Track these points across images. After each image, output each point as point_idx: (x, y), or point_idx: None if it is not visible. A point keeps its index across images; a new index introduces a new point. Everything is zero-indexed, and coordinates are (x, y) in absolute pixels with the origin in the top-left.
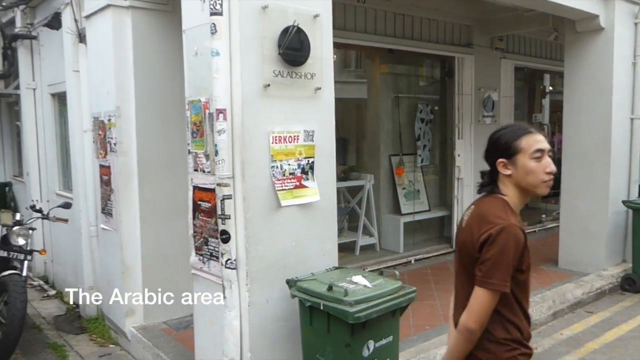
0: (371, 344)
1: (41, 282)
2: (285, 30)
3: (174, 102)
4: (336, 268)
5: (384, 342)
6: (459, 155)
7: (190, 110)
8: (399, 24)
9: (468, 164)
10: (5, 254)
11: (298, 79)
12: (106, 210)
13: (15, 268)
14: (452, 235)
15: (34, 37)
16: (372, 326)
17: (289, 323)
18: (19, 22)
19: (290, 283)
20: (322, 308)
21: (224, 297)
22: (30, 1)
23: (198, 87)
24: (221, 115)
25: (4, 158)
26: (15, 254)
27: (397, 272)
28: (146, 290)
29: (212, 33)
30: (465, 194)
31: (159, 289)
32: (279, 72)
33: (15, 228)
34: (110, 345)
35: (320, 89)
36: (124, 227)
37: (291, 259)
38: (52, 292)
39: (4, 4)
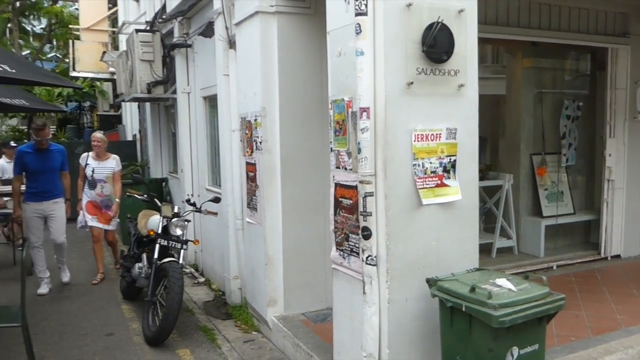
0: (515, 350)
1: (192, 270)
2: (429, 27)
3: (313, 101)
4: (477, 269)
5: (529, 349)
6: (610, 155)
7: (333, 109)
8: (544, 14)
9: (620, 165)
10: (165, 242)
11: (441, 76)
12: (251, 205)
13: (172, 256)
14: (600, 242)
15: (189, 46)
16: (516, 332)
17: (427, 322)
18: (176, 33)
19: (431, 282)
20: (464, 309)
21: (364, 293)
22: (187, 13)
23: (341, 87)
24: (364, 114)
25: (162, 156)
26: (174, 243)
27: (544, 278)
28: (286, 282)
29: (357, 33)
30: (617, 198)
31: (298, 282)
32: (422, 69)
33: (174, 220)
34: (253, 332)
35: (463, 85)
36: (267, 221)
37: (431, 258)
38: (202, 279)
39: (164, 17)
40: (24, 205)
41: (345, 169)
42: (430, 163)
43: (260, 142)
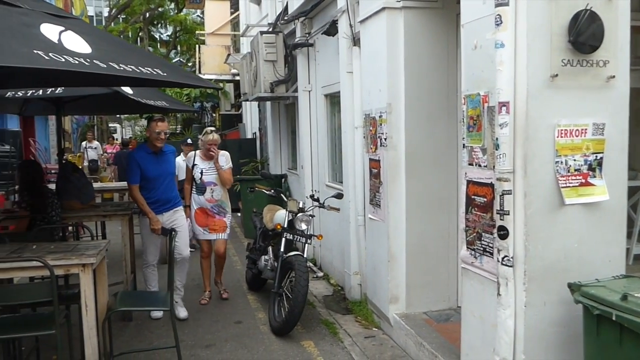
0: None
1: (311, 264)
2: (576, 16)
3: (439, 97)
4: (624, 276)
5: None
6: None
7: (466, 104)
8: None
9: None
10: (291, 236)
11: (588, 68)
12: (374, 202)
13: (297, 250)
14: None
15: (311, 45)
16: None
17: (567, 329)
18: (298, 33)
19: (573, 287)
20: (614, 319)
21: (498, 295)
22: (309, 13)
23: (476, 81)
24: (504, 108)
25: (281, 153)
26: (299, 237)
27: None
28: (409, 279)
29: (497, 24)
30: None
31: (421, 280)
32: (568, 60)
33: (299, 215)
34: (374, 329)
35: (613, 77)
36: (391, 218)
37: (572, 261)
38: (320, 273)
39: (286, 18)
40: (141, 219)
41: (480, 165)
42: (574, 160)
43: (385, 139)
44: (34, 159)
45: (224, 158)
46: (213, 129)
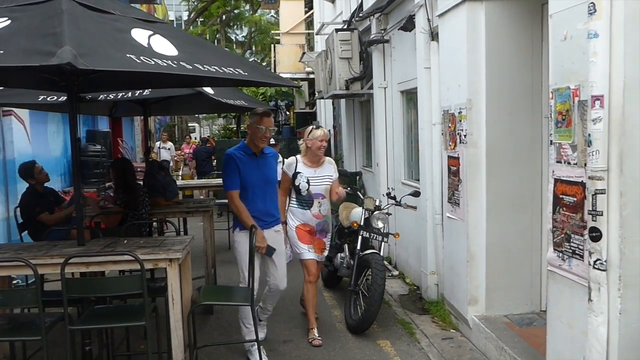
0: None
1: (386, 263)
2: None
3: (522, 91)
4: None
5: None
6: None
7: (554, 98)
8: None
9: None
10: (367, 234)
11: None
12: (453, 200)
13: (373, 248)
14: None
15: (387, 41)
16: None
17: None
18: (374, 29)
19: None
20: None
21: (590, 301)
22: (385, 9)
23: (566, 74)
24: (597, 103)
25: (355, 150)
26: (375, 235)
27: None
28: (489, 280)
29: (590, 13)
30: None
31: (502, 281)
32: None
33: (375, 212)
34: (451, 330)
35: None
36: (470, 217)
37: None
38: (395, 272)
39: (361, 14)
40: (236, 234)
41: (569, 163)
42: None
43: (465, 135)
44: (126, 158)
45: (332, 167)
46: (318, 122)
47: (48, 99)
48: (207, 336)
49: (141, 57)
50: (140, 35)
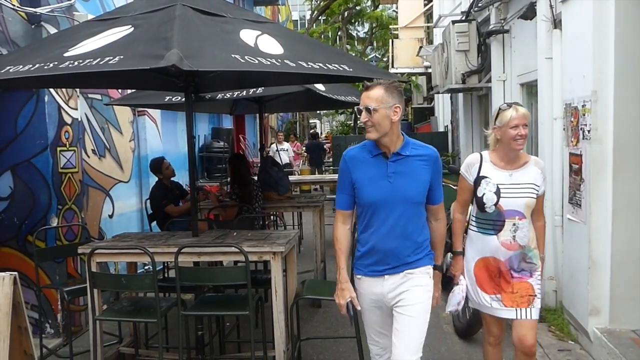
0: None
1: None
2: None
3: None
4: None
5: None
6: None
7: None
8: None
9: None
10: None
11: None
12: (574, 201)
13: None
14: None
15: (506, 31)
16: None
17: None
18: (493, 19)
19: None
20: None
21: None
22: None
23: None
24: None
25: (473, 146)
26: None
27: None
28: (613, 290)
29: None
30: None
31: (629, 292)
32: None
33: None
34: (569, 342)
35: None
36: (593, 220)
37: None
38: None
39: (479, 4)
40: (355, 279)
41: None
42: None
43: (589, 131)
44: (242, 153)
45: (538, 170)
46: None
47: (173, 99)
48: (312, 329)
49: (246, 57)
50: (248, 35)
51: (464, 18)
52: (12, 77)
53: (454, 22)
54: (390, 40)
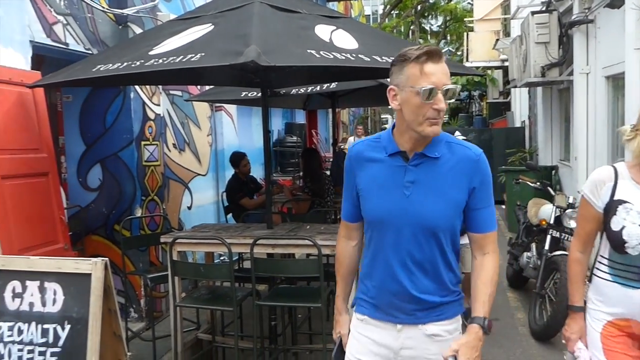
0: None
1: None
2: None
3: None
4: None
5: None
6: None
7: None
8: None
9: None
10: (557, 234)
11: None
12: None
13: (563, 249)
14: None
15: (590, 21)
16: None
17: None
18: (576, 9)
19: None
20: None
21: None
22: None
23: None
24: None
25: (552, 143)
26: (567, 235)
27: None
28: None
29: None
30: None
31: None
32: None
33: (568, 211)
34: None
35: None
36: None
37: None
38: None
39: None
40: (355, 318)
41: None
42: None
43: None
44: (314, 148)
45: None
46: None
47: (249, 95)
48: None
49: (321, 52)
50: (323, 31)
51: (544, 9)
52: (103, 75)
53: (533, 13)
54: (465, 34)
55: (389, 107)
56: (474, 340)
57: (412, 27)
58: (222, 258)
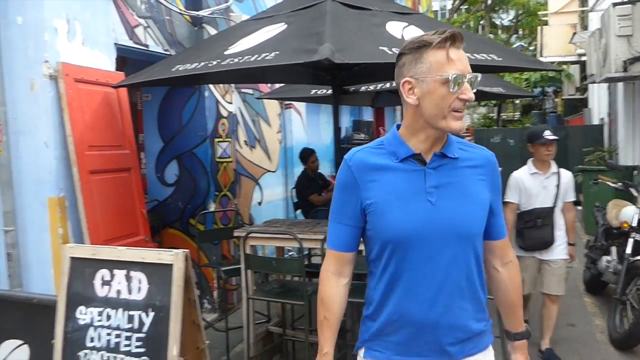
0: None
1: None
2: None
3: None
4: None
5: None
6: None
7: None
8: None
9: None
10: None
11: None
12: None
13: None
14: None
15: None
16: None
17: None
18: None
19: None
20: None
21: None
22: None
23: None
24: None
25: (634, 142)
26: None
27: None
28: None
29: None
30: None
31: None
32: None
33: None
34: None
35: None
36: None
37: None
38: None
39: None
40: None
41: None
42: None
43: None
44: None
45: None
46: None
47: (318, 92)
48: None
49: (393, 49)
50: (394, 27)
51: (626, 0)
52: (182, 74)
53: (615, 4)
54: (539, 28)
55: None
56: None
57: (481, 22)
58: (290, 253)
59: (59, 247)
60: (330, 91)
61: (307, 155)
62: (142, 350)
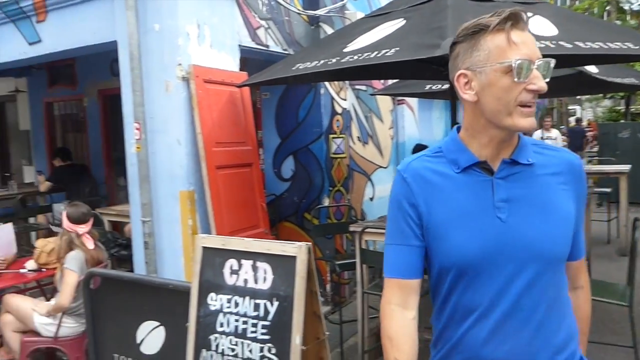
0: None
1: None
2: None
3: None
4: None
5: None
6: None
7: None
8: None
9: None
10: None
11: None
12: None
13: None
14: None
15: None
16: None
17: None
18: None
19: None
20: None
21: None
22: None
23: None
24: None
25: None
26: None
27: None
28: None
29: None
30: None
31: None
32: None
33: None
34: None
35: None
36: None
37: None
38: None
39: None
40: None
41: None
42: None
43: None
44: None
45: None
46: None
47: (433, 87)
48: None
49: None
50: None
51: None
52: (302, 73)
53: None
54: None
55: (576, 97)
56: None
57: (607, 8)
58: None
59: (189, 237)
60: (445, 86)
61: (420, 151)
62: (267, 337)
